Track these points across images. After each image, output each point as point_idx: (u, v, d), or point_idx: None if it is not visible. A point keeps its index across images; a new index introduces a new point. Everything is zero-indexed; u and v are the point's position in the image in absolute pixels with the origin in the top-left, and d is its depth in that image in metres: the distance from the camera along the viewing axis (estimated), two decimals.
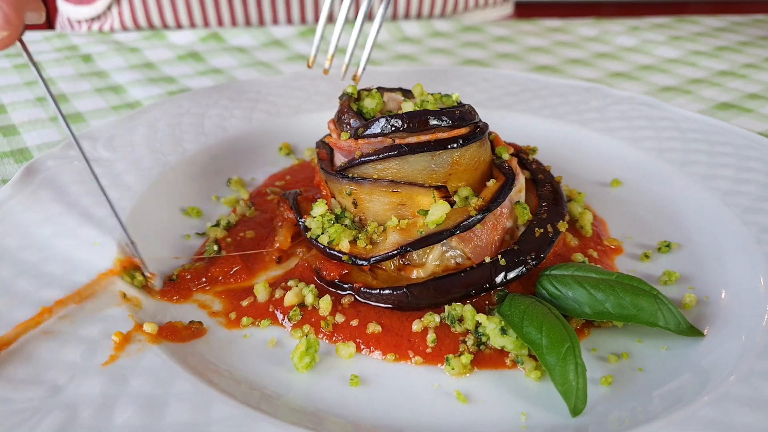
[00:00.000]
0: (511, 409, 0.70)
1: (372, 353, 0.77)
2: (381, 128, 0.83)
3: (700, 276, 0.88)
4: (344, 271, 0.84)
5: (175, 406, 0.65)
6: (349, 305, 0.82)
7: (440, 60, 1.65)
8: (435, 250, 0.83)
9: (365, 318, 0.80)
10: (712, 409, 0.65)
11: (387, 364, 0.76)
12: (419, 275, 0.83)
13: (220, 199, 1.06)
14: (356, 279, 0.83)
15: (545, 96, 1.32)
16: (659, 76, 1.57)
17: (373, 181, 0.83)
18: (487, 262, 0.81)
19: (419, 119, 0.82)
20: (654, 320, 0.75)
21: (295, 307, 0.82)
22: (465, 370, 0.74)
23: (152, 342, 0.73)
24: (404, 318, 0.80)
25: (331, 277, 0.83)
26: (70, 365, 0.69)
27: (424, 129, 0.82)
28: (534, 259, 0.82)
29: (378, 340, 0.78)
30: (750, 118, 1.33)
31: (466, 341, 0.77)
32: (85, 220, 0.91)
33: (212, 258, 0.90)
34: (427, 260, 0.83)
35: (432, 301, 0.80)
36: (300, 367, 0.74)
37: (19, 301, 0.75)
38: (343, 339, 0.78)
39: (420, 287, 0.80)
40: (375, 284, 0.82)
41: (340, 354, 0.77)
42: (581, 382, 0.67)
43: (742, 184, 1.00)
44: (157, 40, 1.69)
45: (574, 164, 1.15)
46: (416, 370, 0.75)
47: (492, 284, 0.81)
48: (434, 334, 0.77)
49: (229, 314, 0.82)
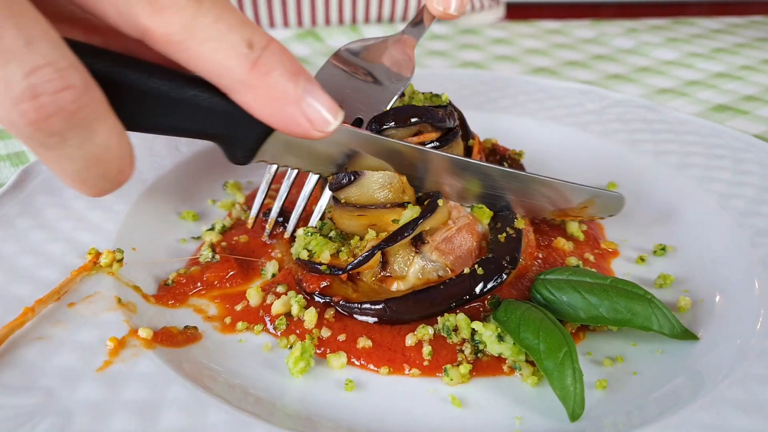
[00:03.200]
0: (505, 413, 0.70)
1: (364, 367, 0.76)
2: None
3: (696, 279, 0.88)
4: (324, 283, 0.81)
5: (171, 411, 0.65)
6: (335, 319, 0.80)
7: (437, 62, 1.65)
8: (415, 263, 0.81)
9: (353, 333, 0.78)
10: (706, 412, 0.65)
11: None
12: (399, 288, 0.81)
13: (216, 202, 1.06)
14: (336, 292, 0.81)
15: (542, 99, 1.32)
16: (656, 78, 1.57)
17: (341, 205, 0.82)
18: (466, 273, 0.79)
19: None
20: (648, 324, 0.75)
21: (282, 317, 0.81)
22: (464, 379, 0.73)
23: (147, 347, 0.73)
24: (395, 332, 0.78)
25: (311, 290, 0.81)
26: (65, 371, 0.69)
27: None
28: (510, 263, 0.81)
29: (369, 354, 0.76)
30: (746, 120, 1.33)
31: (463, 350, 0.76)
32: (80, 224, 0.91)
33: (207, 262, 0.90)
34: (408, 272, 0.81)
35: (413, 316, 0.78)
36: (295, 372, 0.73)
37: (14, 306, 0.75)
38: (332, 351, 0.77)
39: (399, 301, 0.78)
40: (355, 297, 0.80)
41: (331, 365, 0.76)
42: (579, 387, 0.67)
43: (738, 187, 1.00)
44: None
45: (570, 167, 1.15)
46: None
47: (472, 295, 0.79)
48: (429, 346, 0.76)
49: (224, 319, 0.82)
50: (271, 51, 0.60)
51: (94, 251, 0.85)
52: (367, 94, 0.88)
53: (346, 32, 1.78)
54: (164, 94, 0.64)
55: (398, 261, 0.81)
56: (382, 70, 0.91)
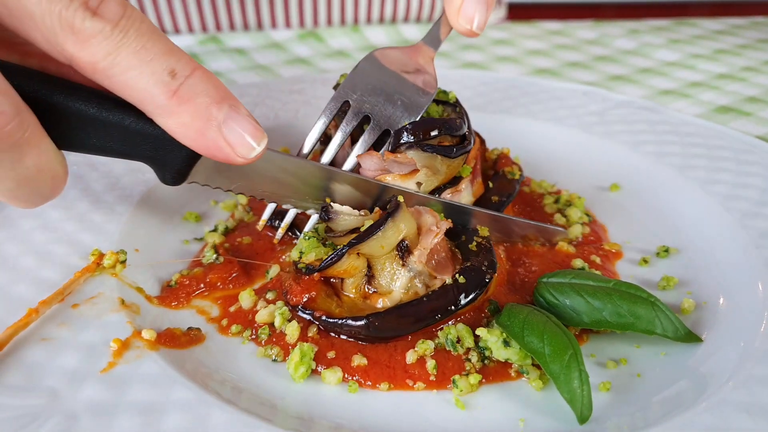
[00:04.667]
0: (509, 415, 0.70)
1: (362, 384, 0.73)
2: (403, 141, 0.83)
3: (699, 281, 0.88)
4: (308, 295, 0.78)
5: (174, 412, 0.65)
6: (321, 336, 0.78)
7: (439, 63, 1.64)
8: (402, 276, 0.79)
9: (342, 349, 0.76)
10: (710, 415, 0.65)
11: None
12: (385, 304, 0.79)
13: (219, 203, 1.06)
14: (320, 306, 0.78)
15: (544, 100, 1.32)
16: (658, 79, 1.57)
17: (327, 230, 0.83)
18: (449, 284, 0.78)
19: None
20: (651, 328, 0.74)
21: (265, 326, 0.79)
22: (473, 389, 0.72)
23: (151, 348, 0.73)
24: (391, 349, 0.76)
25: (295, 302, 0.78)
26: (69, 372, 0.69)
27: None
28: (489, 267, 0.80)
29: (366, 372, 0.74)
30: (748, 122, 1.33)
31: (470, 358, 0.75)
32: (83, 225, 0.91)
33: (210, 263, 0.90)
34: (395, 287, 0.79)
35: (398, 332, 0.76)
36: (296, 377, 0.73)
37: (17, 307, 0.75)
38: (326, 366, 0.75)
39: (382, 317, 0.75)
40: (338, 313, 0.77)
41: (327, 381, 0.73)
42: (586, 389, 0.67)
43: (741, 189, 1.00)
44: None
45: (572, 168, 1.15)
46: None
47: (457, 305, 0.77)
48: (433, 360, 0.74)
49: (221, 321, 0.82)
50: (195, 78, 0.62)
51: (97, 252, 0.85)
52: (395, 105, 0.89)
53: (348, 33, 1.78)
54: (93, 116, 0.66)
55: (384, 275, 0.80)
56: (408, 83, 0.92)
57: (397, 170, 0.86)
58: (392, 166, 0.85)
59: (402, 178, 0.86)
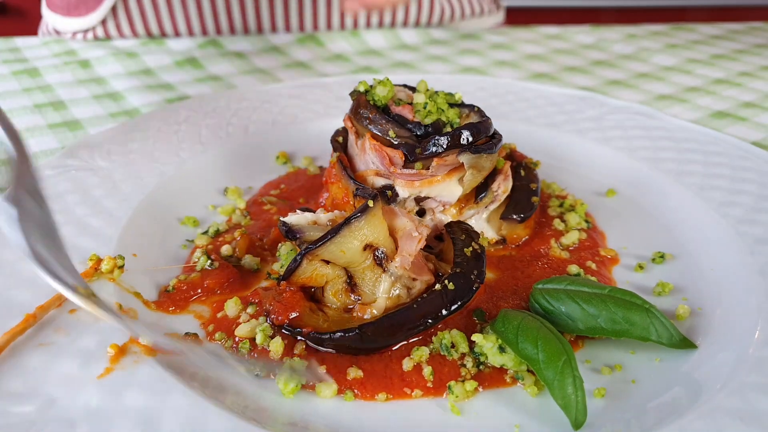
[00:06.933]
0: (504, 421, 0.70)
1: (359, 397, 0.73)
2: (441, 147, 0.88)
3: (694, 287, 0.89)
4: (294, 314, 0.77)
5: (171, 418, 0.65)
6: (308, 351, 0.77)
7: (437, 68, 1.65)
8: (384, 281, 0.79)
9: (334, 363, 0.75)
10: (704, 421, 0.65)
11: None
12: (372, 314, 0.78)
13: (217, 208, 1.07)
14: (307, 323, 0.77)
15: (541, 105, 1.33)
16: (655, 84, 1.57)
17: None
18: (437, 290, 0.78)
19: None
20: (646, 335, 0.75)
21: (246, 341, 0.78)
22: (469, 395, 0.73)
23: (148, 354, 0.73)
24: (386, 358, 0.76)
25: (280, 321, 0.77)
26: (66, 377, 0.69)
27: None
28: (477, 277, 0.81)
29: (362, 384, 0.73)
30: (745, 127, 1.33)
31: (465, 364, 0.75)
32: (81, 230, 0.91)
33: (204, 269, 0.90)
34: (378, 293, 0.79)
35: (389, 341, 0.76)
36: (286, 392, 0.71)
37: (15, 312, 0.75)
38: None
39: (373, 326, 0.75)
40: (325, 327, 0.76)
41: (322, 395, 0.72)
42: (580, 395, 0.67)
43: (736, 195, 1.01)
44: (155, 45, 1.70)
45: (569, 174, 1.16)
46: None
47: (448, 310, 0.77)
48: (429, 366, 0.74)
49: (208, 326, 0.82)
50: None
51: (95, 257, 0.85)
52: None
53: (347, 37, 1.78)
54: None
55: (366, 283, 0.79)
56: None
57: (441, 172, 0.90)
58: (439, 170, 0.90)
59: (445, 178, 0.91)
